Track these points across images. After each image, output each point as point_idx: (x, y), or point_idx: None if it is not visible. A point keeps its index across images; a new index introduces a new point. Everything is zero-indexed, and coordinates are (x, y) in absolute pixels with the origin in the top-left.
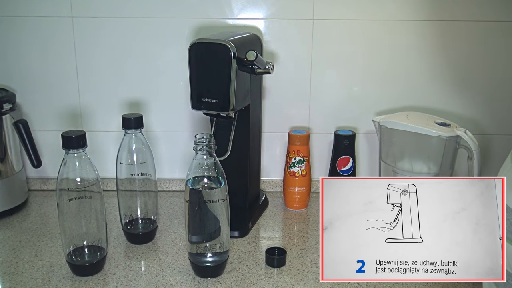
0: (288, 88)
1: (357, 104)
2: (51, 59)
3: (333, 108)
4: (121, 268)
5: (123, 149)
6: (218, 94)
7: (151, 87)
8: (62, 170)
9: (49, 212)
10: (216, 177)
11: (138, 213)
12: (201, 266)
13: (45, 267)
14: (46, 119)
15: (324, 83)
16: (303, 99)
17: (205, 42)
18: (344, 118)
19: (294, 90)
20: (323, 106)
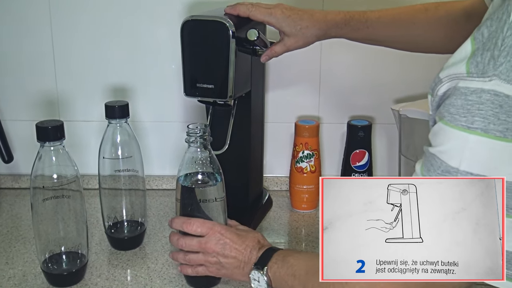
0: (295, 72)
1: (374, 90)
2: (23, 38)
3: (346, 95)
4: (104, 278)
5: (106, 142)
6: (214, 79)
7: (138, 71)
8: (36, 166)
9: (21, 213)
10: (212, 173)
11: (124, 215)
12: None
13: (17, 276)
14: (18, 107)
15: (336, 66)
16: (312, 85)
17: (200, 20)
18: (359, 107)
19: (301, 74)
20: (334, 93)
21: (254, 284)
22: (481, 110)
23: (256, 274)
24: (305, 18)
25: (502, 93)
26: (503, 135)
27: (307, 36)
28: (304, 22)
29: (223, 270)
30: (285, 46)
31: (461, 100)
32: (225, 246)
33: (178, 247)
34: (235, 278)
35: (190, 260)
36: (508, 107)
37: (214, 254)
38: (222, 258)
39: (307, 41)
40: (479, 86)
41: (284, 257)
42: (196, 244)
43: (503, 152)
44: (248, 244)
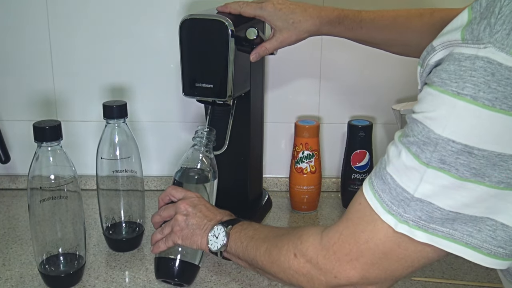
0: (295, 72)
1: (374, 90)
2: (21, 37)
3: (347, 94)
4: (101, 279)
5: (104, 142)
6: (213, 79)
7: (136, 70)
8: (33, 166)
9: (18, 214)
10: (206, 174)
11: (122, 216)
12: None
13: (14, 278)
14: (15, 107)
15: (336, 65)
16: (312, 84)
17: (199, 19)
18: (359, 106)
19: (301, 73)
20: (335, 92)
21: (211, 240)
22: (473, 77)
23: (219, 229)
24: (298, 12)
25: (495, 61)
26: (492, 104)
27: (299, 31)
28: (297, 16)
29: (185, 229)
30: (276, 42)
31: (454, 65)
32: (196, 206)
33: (158, 220)
34: (192, 240)
35: (163, 227)
36: (499, 76)
37: (185, 211)
38: (190, 216)
39: (299, 36)
40: (473, 52)
41: (250, 224)
42: (172, 207)
43: (489, 122)
44: (220, 212)
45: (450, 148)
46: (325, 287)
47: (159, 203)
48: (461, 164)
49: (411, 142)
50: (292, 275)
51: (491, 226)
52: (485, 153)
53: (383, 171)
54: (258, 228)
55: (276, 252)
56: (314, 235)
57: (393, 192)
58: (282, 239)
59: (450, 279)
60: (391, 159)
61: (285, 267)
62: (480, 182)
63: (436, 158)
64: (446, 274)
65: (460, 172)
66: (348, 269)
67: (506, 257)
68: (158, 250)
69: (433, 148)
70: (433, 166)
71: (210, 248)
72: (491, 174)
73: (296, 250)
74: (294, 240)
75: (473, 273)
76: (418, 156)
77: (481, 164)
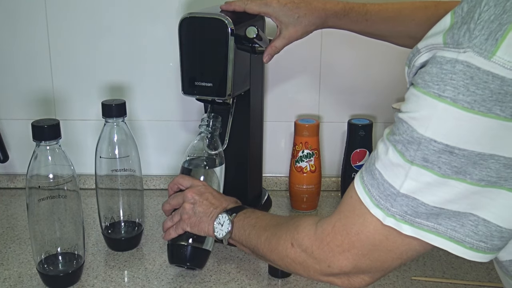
0: (295, 70)
1: (375, 88)
2: (19, 35)
3: (347, 93)
4: (100, 279)
5: (103, 141)
6: (213, 77)
7: (135, 69)
8: (32, 165)
9: (17, 213)
10: (213, 160)
11: (121, 215)
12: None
13: (13, 277)
14: (13, 106)
15: (336, 64)
16: (312, 83)
17: (198, 17)
18: (360, 105)
19: (301, 72)
20: (335, 91)
21: (217, 228)
22: (453, 80)
23: (223, 217)
24: (302, 6)
25: (474, 65)
26: (470, 106)
27: (306, 25)
28: (302, 10)
29: (193, 217)
30: (284, 39)
31: (436, 68)
32: (202, 194)
33: (167, 208)
34: (200, 228)
35: (173, 215)
36: (478, 79)
37: (192, 199)
38: (197, 204)
39: (305, 30)
40: (454, 56)
41: (253, 211)
42: (180, 195)
43: (468, 123)
44: (226, 199)
45: (432, 147)
46: (320, 275)
47: (169, 191)
48: (443, 162)
49: (397, 141)
50: (290, 263)
51: (473, 221)
52: (465, 152)
53: (373, 167)
54: (260, 217)
55: (275, 241)
56: (309, 226)
57: (381, 187)
58: (281, 228)
59: (451, 278)
60: (379, 155)
61: (283, 256)
62: (462, 179)
63: (420, 157)
64: (447, 274)
65: (443, 170)
66: (341, 260)
67: (487, 251)
68: (170, 237)
69: (417, 147)
70: (417, 163)
71: (216, 236)
72: (472, 172)
73: (293, 240)
74: (291, 230)
75: (474, 272)
76: (403, 154)
77: (462, 162)
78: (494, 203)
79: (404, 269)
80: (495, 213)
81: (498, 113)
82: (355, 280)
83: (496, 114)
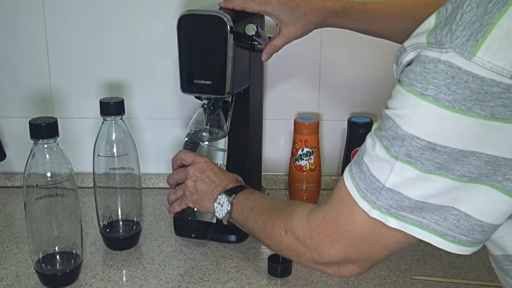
0: (295, 68)
1: (374, 86)
2: (17, 33)
3: (347, 91)
4: (98, 278)
5: (101, 139)
6: (212, 75)
7: (133, 66)
8: (30, 164)
9: (14, 212)
10: (216, 131)
11: (119, 214)
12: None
13: (10, 276)
14: (11, 104)
15: (336, 62)
16: (311, 81)
17: (197, 14)
18: (360, 103)
19: (301, 70)
20: (335, 89)
21: (217, 208)
22: (435, 79)
23: (223, 198)
24: (302, 5)
25: (455, 65)
26: (451, 105)
27: (305, 24)
28: (301, 8)
29: (195, 195)
30: (284, 38)
31: (420, 67)
32: (204, 172)
33: (172, 182)
34: (202, 205)
35: (176, 190)
36: (459, 79)
37: (193, 177)
38: (199, 182)
39: (305, 29)
40: (436, 56)
41: (252, 193)
42: (183, 171)
43: (449, 122)
44: (227, 177)
45: (415, 144)
46: (311, 263)
47: (172, 166)
48: (426, 158)
49: (383, 136)
50: (283, 249)
51: (456, 215)
52: (447, 149)
53: (361, 160)
54: (259, 199)
55: (270, 227)
56: (302, 215)
57: (367, 181)
58: (277, 214)
59: (452, 278)
60: (367, 149)
61: (277, 242)
62: (444, 175)
63: (403, 152)
64: (448, 273)
65: (425, 166)
66: (331, 249)
67: (469, 244)
68: (174, 211)
69: (401, 143)
70: (401, 159)
71: (216, 215)
72: (454, 168)
73: (287, 228)
74: (286, 218)
75: (475, 272)
76: (388, 149)
77: (444, 159)
78: (476, 198)
79: (405, 269)
80: (476, 208)
81: (478, 112)
82: (345, 269)
83: (476, 113)
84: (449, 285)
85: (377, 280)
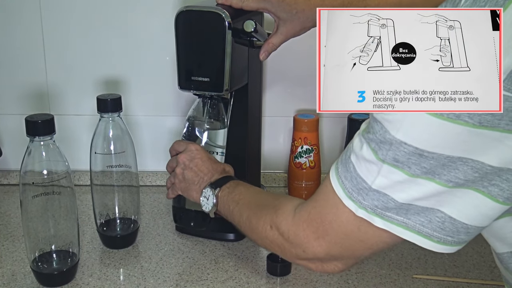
0: (294, 64)
1: None
2: (13, 29)
3: None
4: (95, 277)
5: (98, 136)
6: (210, 72)
7: (131, 63)
8: (26, 161)
9: (10, 210)
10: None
11: (116, 212)
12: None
13: (6, 275)
14: (6, 101)
15: None
16: (311, 77)
17: (195, 10)
18: None
19: (300, 66)
20: None
21: (203, 201)
22: None
23: (208, 192)
24: (300, 2)
25: None
26: (440, 113)
27: (304, 21)
28: (300, 5)
29: (183, 183)
30: (282, 35)
31: None
32: (193, 160)
33: (169, 168)
34: (189, 194)
35: (170, 176)
36: None
37: (182, 165)
38: (187, 170)
39: (303, 26)
40: None
41: (237, 185)
42: (175, 159)
43: (437, 129)
44: (214, 167)
45: (402, 149)
46: (295, 259)
47: (171, 153)
48: (413, 163)
49: (371, 139)
50: (268, 244)
51: (440, 218)
52: (434, 155)
53: (348, 159)
54: (244, 192)
55: (255, 221)
56: (288, 211)
57: (354, 181)
58: (262, 209)
59: (453, 277)
60: (354, 149)
61: (262, 236)
62: (431, 179)
63: (391, 156)
64: (449, 272)
65: (412, 170)
66: (315, 246)
67: (454, 244)
68: (168, 197)
69: (388, 147)
70: (388, 163)
71: (203, 209)
72: (440, 172)
73: (272, 223)
74: (271, 213)
75: (476, 271)
76: (376, 152)
77: (431, 164)
78: (461, 202)
79: (406, 267)
80: (461, 211)
81: (466, 120)
82: (328, 266)
83: (464, 121)
84: (450, 284)
85: (378, 279)
